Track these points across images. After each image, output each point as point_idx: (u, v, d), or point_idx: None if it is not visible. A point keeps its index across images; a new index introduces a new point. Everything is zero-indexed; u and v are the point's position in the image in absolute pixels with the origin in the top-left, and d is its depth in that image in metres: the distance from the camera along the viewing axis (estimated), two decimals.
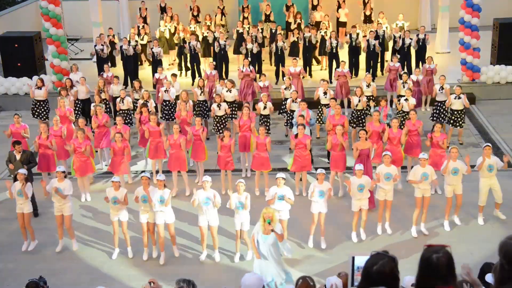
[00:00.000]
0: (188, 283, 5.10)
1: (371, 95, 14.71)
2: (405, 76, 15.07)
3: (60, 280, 9.92)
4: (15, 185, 10.61)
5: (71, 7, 22.11)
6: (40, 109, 15.32)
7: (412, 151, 12.55)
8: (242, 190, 10.04)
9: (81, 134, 12.20)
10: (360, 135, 11.74)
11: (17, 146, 11.77)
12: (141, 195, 10.19)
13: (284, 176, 10.31)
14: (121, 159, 12.32)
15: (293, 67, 16.12)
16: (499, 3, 21.25)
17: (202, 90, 14.87)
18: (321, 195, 10.28)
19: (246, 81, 15.97)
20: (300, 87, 15.92)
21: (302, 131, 12.10)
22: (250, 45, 17.36)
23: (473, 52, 17.27)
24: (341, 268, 9.66)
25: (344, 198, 12.01)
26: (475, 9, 16.88)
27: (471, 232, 10.97)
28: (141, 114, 13.55)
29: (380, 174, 10.69)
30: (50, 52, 17.63)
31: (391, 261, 3.54)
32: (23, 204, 10.63)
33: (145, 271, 10.13)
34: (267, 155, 12.30)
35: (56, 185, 10.50)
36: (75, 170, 12.32)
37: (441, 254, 3.51)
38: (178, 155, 12.36)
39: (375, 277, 3.49)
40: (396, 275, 3.54)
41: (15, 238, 11.23)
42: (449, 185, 10.91)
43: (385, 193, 10.76)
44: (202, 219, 10.15)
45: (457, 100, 13.84)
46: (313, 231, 10.62)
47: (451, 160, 10.80)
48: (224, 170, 12.41)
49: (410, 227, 11.00)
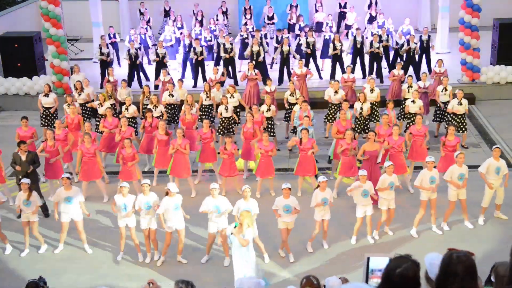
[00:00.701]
0: (187, 284, 5.08)
1: (375, 101, 14.52)
2: (409, 79, 14.89)
3: (60, 280, 9.92)
4: (19, 196, 10.55)
5: (71, 7, 22.10)
6: (50, 116, 14.90)
7: (417, 156, 12.46)
8: (248, 196, 9.97)
9: (88, 138, 12.14)
10: (369, 137, 11.64)
11: (23, 146, 11.68)
12: (144, 202, 10.12)
13: (290, 186, 10.17)
14: (132, 165, 12.17)
15: (299, 68, 16.09)
16: (499, 3, 21.24)
17: (208, 94, 14.79)
18: (325, 203, 10.18)
19: (251, 85, 15.94)
20: (304, 88, 15.91)
21: (306, 135, 12.05)
22: (256, 47, 17.32)
23: (473, 52, 17.27)
24: (341, 268, 9.71)
25: (344, 199, 11.96)
26: (475, 9, 16.88)
27: (471, 232, 10.97)
28: (146, 119, 13.39)
29: (384, 185, 10.57)
30: (50, 52, 17.63)
31: (415, 265, 3.46)
32: (29, 214, 10.56)
33: (145, 271, 10.11)
34: (271, 161, 12.24)
35: (64, 195, 10.43)
36: (80, 174, 12.22)
37: (462, 254, 3.47)
38: (182, 160, 12.29)
39: (397, 280, 3.41)
40: (418, 280, 3.46)
41: (15, 238, 11.22)
42: (453, 189, 10.82)
43: (388, 201, 10.70)
44: (212, 226, 10.10)
45: (459, 105, 13.80)
46: (314, 237, 10.57)
47: (457, 166, 10.74)
48: (225, 177, 12.36)
49: (409, 226, 11.01)
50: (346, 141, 11.82)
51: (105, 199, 12.49)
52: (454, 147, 11.77)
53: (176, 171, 12.35)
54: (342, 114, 12.88)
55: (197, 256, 10.48)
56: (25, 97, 17.98)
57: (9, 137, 14.11)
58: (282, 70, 17.80)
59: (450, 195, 10.88)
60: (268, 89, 15.08)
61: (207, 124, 12.73)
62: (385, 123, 12.47)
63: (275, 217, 10.20)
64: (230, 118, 14.08)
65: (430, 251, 4.60)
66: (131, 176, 12.14)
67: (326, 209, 10.29)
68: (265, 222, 10.74)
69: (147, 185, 10.11)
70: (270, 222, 10.68)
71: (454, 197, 10.84)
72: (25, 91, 18.01)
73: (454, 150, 11.58)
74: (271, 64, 18.91)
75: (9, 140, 12.62)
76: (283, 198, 10.09)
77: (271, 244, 10.59)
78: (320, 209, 10.21)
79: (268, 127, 13.76)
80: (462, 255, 3.46)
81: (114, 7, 22.92)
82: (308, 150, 11.99)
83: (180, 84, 15.33)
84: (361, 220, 10.61)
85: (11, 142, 12.75)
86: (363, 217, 10.58)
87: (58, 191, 10.59)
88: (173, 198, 9.93)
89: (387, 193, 10.62)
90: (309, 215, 10.56)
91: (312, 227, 10.52)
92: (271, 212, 10.26)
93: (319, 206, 10.10)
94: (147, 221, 10.17)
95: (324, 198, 10.14)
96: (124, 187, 10.15)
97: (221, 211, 9.94)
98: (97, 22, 19.96)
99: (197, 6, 20.82)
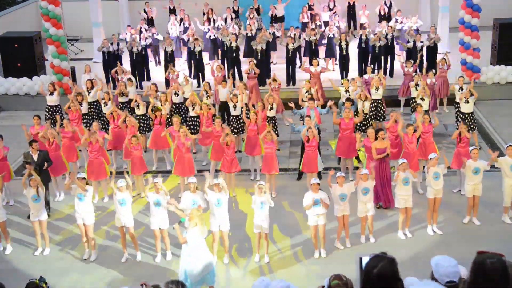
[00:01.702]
0: (177, 284, 5.06)
1: (380, 99, 14.52)
2: (416, 77, 14.88)
3: (60, 280, 9.93)
4: (28, 192, 10.54)
5: (71, 7, 22.12)
6: (54, 115, 14.88)
7: (425, 154, 12.40)
8: (263, 191, 9.93)
9: (94, 137, 12.17)
10: (379, 135, 11.63)
11: (34, 144, 11.71)
12: (154, 200, 10.14)
13: (319, 181, 10.21)
14: (141, 160, 12.30)
15: (314, 67, 16.05)
16: (499, 3, 21.23)
17: (208, 94, 14.75)
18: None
19: (252, 84, 15.92)
20: (319, 87, 15.90)
21: (312, 134, 12.07)
22: (259, 45, 17.32)
23: (473, 52, 17.27)
24: (341, 267, 9.70)
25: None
26: (475, 9, 16.88)
27: (471, 232, 10.96)
28: (155, 118, 13.46)
29: (399, 179, 10.59)
30: (50, 52, 17.63)
31: (391, 262, 3.49)
32: (39, 212, 10.56)
33: (145, 271, 10.10)
34: (274, 156, 12.22)
35: (77, 192, 10.37)
36: (89, 173, 12.21)
37: (495, 260, 3.46)
38: (187, 159, 12.28)
39: (376, 280, 3.46)
40: (397, 276, 3.49)
41: (15, 238, 11.23)
42: (469, 184, 10.99)
43: (405, 200, 10.70)
44: (214, 224, 10.10)
45: (466, 104, 13.81)
46: (340, 234, 10.61)
47: (472, 160, 10.92)
48: (228, 174, 12.31)
49: (414, 226, 11.05)
50: (370, 139, 11.78)
51: (105, 199, 12.51)
52: (467, 143, 11.94)
53: (180, 170, 12.37)
54: (346, 112, 12.92)
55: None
56: (25, 97, 17.99)
57: (9, 137, 14.09)
58: (288, 69, 17.70)
59: (467, 191, 11.09)
60: (272, 86, 15.05)
61: (219, 123, 12.80)
62: (393, 120, 12.46)
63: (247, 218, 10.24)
64: (239, 116, 14.00)
65: (430, 250, 4.62)
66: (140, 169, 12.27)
67: (346, 205, 10.31)
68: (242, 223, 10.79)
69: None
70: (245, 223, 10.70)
71: (470, 193, 11.01)
72: (25, 91, 18.02)
73: (467, 147, 11.81)
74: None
75: (8, 140, 12.59)
76: (312, 192, 10.05)
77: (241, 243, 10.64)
78: (340, 205, 10.26)
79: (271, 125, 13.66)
80: (496, 261, 3.44)
81: (114, 7, 22.91)
82: (313, 147, 12.04)
83: (187, 81, 15.40)
84: (364, 219, 10.62)
85: (11, 142, 12.75)
86: (364, 216, 10.59)
87: (74, 187, 10.46)
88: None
89: (405, 190, 10.63)
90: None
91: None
92: (248, 211, 10.22)
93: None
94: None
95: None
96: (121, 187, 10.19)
97: (221, 205, 9.96)
98: (97, 22, 19.95)
99: (207, 6, 20.79)
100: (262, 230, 10.09)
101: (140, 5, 21.87)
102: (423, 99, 13.91)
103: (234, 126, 14.11)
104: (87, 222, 10.43)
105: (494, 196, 11.42)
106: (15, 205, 12.49)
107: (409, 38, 17.54)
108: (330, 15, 20.38)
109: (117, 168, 13.64)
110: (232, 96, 14.15)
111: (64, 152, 12.80)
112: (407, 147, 12.07)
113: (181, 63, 19.40)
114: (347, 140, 12.73)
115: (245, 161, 13.55)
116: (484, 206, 11.36)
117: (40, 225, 10.65)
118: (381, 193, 11.66)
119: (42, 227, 10.67)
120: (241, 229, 11.14)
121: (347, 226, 10.55)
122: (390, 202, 11.57)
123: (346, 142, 12.75)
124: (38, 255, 10.72)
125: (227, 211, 10.12)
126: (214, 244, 10.15)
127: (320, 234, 10.22)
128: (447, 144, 14.27)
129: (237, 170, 12.41)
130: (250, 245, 10.68)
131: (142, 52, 17.96)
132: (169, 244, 10.41)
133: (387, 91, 15.84)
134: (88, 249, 10.58)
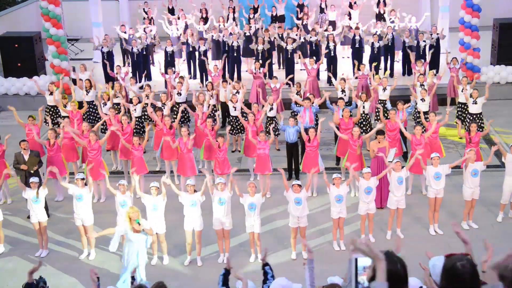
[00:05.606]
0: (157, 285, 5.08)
1: (385, 100, 14.39)
2: (420, 77, 14.86)
3: (60, 280, 9.93)
4: (28, 194, 10.50)
5: (71, 7, 22.10)
6: (53, 115, 14.89)
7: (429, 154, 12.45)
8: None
9: (93, 136, 12.13)
10: (378, 138, 11.65)
11: (23, 143, 11.70)
12: (151, 203, 10.11)
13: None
14: (141, 160, 12.30)
15: (310, 65, 16.05)
16: (499, 3, 21.25)
17: (211, 94, 14.75)
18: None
19: (257, 83, 15.87)
20: (316, 87, 15.82)
21: (313, 134, 12.09)
22: (261, 46, 17.31)
23: (473, 52, 17.27)
24: (341, 267, 9.70)
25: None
26: (475, 9, 16.89)
27: (471, 232, 10.95)
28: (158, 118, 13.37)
29: (393, 178, 10.59)
30: (50, 52, 17.64)
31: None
32: (39, 213, 10.54)
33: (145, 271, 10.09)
34: (267, 155, 12.23)
35: (77, 192, 10.38)
36: (88, 173, 12.23)
37: (465, 261, 3.46)
38: (188, 159, 12.30)
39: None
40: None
41: (15, 238, 11.23)
42: (469, 188, 10.88)
43: (398, 201, 10.70)
44: (216, 223, 10.13)
45: (474, 105, 13.79)
46: (335, 235, 10.67)
47: (470, 162, 10.82)
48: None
49: (409, 226, 11.04)
50: (354, 137, 11.93)
51: (102, 200, 12.52)
52: (477, 144, 11.90)
53: (181, 169, 12.39)
54: (346, 112, 12.92)
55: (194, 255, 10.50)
56: (25, 97, 17.99)
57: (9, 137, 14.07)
58: (288, 73, 17.56)
59: (465, 194, 10.98)
60: (273, 86, 15.06)
61: (210, 123, 12.79)
62: (393, 118, 12.50)
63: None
64: (238, 117, 13.95)
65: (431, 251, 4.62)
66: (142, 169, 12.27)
67: (342, 207, 10.33)
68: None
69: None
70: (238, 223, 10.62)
71: (469, 197, 10.92)
72: (25, 91, 18.02)
73: (477, 146, 11.81)
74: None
75: (8, 140, 12.56)
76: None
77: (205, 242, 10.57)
78: (336, 207, 10.31)
79: (271, 126, 13.66)
80: (466, 263, 3.45)
81: (114, 7, 22.92)
82: (314, 147, 12.08)
83: (186, 80, 15.41)
84: (364, 218, 10.65)
85: (11, 142, 12.70)
86: (366, 214, 10.61)
87: (71, 186, 10.49)
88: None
89: (400, 191, 10.63)
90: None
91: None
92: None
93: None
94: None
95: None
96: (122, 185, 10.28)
97: (224, 204, 9.98)
98: (97, 22, 19.94)
99: (204, 5, 20.77)
100: (253, 231, 10.16)
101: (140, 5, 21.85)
102: (423, 99, 13.90)
103: (234, 126, 14.09)
104: (86, 223, 10.43)
105: (494, 196, 11.42)
106: (14, 203, 12.53)
107: (405, 39, 17.58)
108: (337, 15, 20.32)
109: (116, 168, 13.65)
110: (232, 96, 14.14)
111: (64, 152, 12.77)
112: (414, 149, 11.82)
113: (181, 63, 19.39)
114: (347, 140, 12.72)
115: (245, 161, 13.54)
116: (484, 206, 11.35)
117: (40, 226, 10.65)
118: (378, 192, 11.63)
119: (42, 228, 10.66)
120: (242, 229, 11.12)
121: (342, 228, 10.55)
122: (386, 201, 11.49)
123: (346, 142, 12.75)
124: (38, 255, 10.71)
125: (230, 211, 10.19)
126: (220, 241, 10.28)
127: (340, 226, 10.50)
128: (447, 144, 14.28)
129: (228, 172, 12.39)
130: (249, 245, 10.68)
131: (143, 52, 17.94)
132: (166, 248, 10.41)
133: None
134: (86, 248, 10.60)
